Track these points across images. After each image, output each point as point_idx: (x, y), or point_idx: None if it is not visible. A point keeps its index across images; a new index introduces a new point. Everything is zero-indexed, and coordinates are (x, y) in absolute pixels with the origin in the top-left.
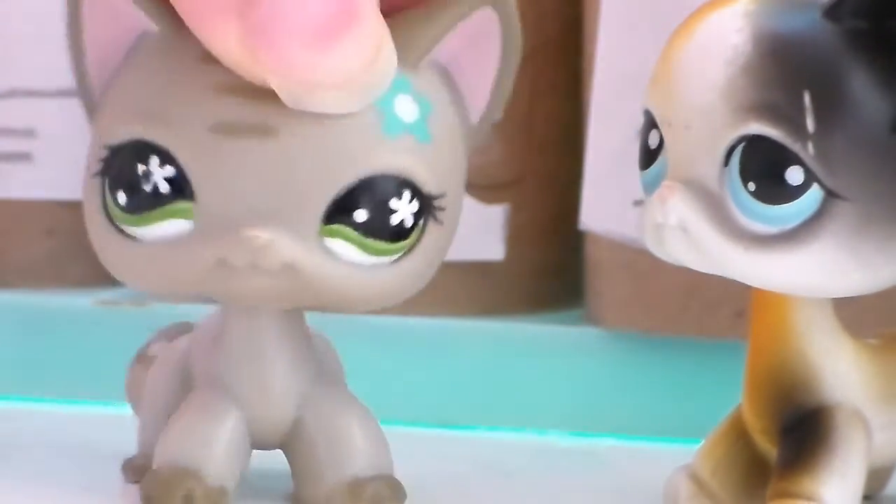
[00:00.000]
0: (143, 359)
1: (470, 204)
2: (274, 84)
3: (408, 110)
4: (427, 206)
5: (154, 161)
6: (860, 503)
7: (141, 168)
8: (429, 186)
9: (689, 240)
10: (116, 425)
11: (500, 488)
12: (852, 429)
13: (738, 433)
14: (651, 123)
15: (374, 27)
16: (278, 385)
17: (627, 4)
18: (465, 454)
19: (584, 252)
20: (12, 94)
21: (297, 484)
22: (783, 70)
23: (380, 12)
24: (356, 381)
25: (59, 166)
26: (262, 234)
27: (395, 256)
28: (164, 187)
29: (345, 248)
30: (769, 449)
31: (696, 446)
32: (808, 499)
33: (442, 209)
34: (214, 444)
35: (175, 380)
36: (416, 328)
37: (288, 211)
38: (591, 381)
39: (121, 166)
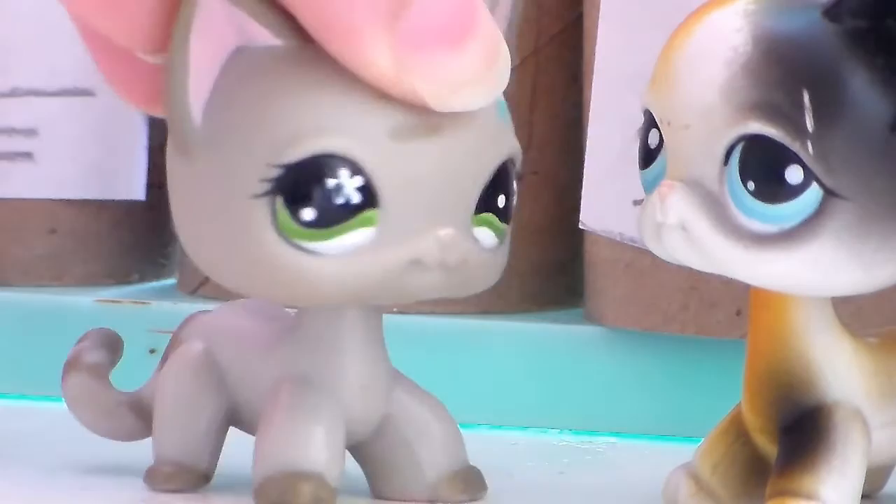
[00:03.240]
0: (80, 367)
1: None
2: (421, 89)
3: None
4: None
5: (344, 173)
6: (859, 501)
7: (332, 182)
8: (519, 164)
9: (688, 239)
10: None
11: (501, 486)
12: (851, 427)
13: (737, 432)
14: (651, 123)
15: (491, 21)
16: (372, 381)
17: (627, 4)
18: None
19: (584, 251)
20: (14, 93)
21: (387, 479)
22: (783, 70)
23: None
24: None
25: (61, 165)
26: (451, 231)
27: (505, 236)
28: (356, 198)
29: (486, 235)
30: (769, 447)
31: (696, 445)
32: (808, 497)
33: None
34: (326, 445)
35: (200, 383)
36: (417, 327)
37: (455, 206)
38: (591, 379)
39: (305, 182)
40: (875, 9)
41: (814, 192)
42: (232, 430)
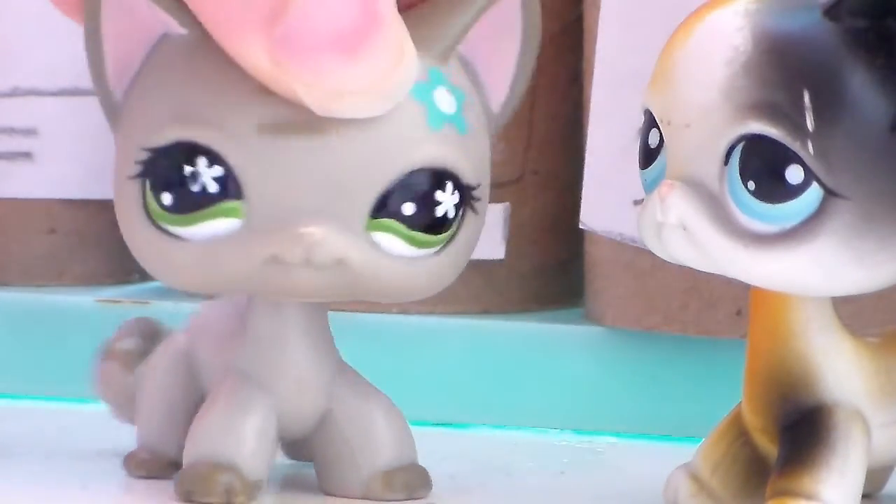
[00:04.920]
0: (111, 354)
1: None
2: (301, 93)
3: (447, 102)
4: (466, 197)
5: (202, 162)
6: (860, 502)
7: (188, 169)
8: (468, 177)
9: (688, 238)
10: (117, 423)
11: (500, 486)
12: (852, 427)
13: (737, 432)
14: (651, 122)
15: (396, 31)
16: (308, 377)
17: (627, 4)
18: (466, 452)
19: (584, 251)
20: (14, 93)
21: (328, 474)
22: (783, 69)
23: (398, 14)
24: None
25: (61, 165)
26: (316, 231)
27: (438, 247)
28: (213, 187)
29: (391, 242)
30: (769, 447)
31: (696, 445)
32: (808, 497)
33: (478, 199)
34: (249, 438)
35: (178, 374)
36: (417, 326)
37: (337, 207)
38: (591, 379)
39: (165, 168)
40: (875, 9)
41: (814, 192)
42: None
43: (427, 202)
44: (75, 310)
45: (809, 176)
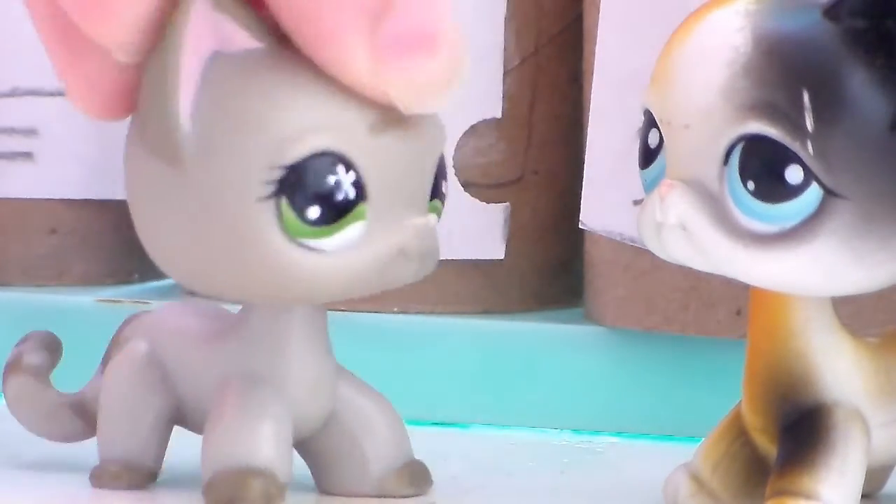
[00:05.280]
0: (22, 369)
1: (470, 203)
2: (392, 93)
3: None
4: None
5: (341, 169)
6: (859, 501)
7: (332, 178)
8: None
9: (688, 238)
10: None
11: (500, 486)
12: (851, 427)
13: (737, 431)
14: (651, 123)
15: (456, 27)
16: (320, 379)
17: (627, 4)
18: (466, 452)
19: (584, 251)
20: (14, 93)
21: (333, 474)
22: (783, 70)
23: None
24: None
25: (61, 165)
26: (430, 219)
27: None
28: (353, 193)
29: (435, 221)
30: (769, 447)
31: (696, 444)
32: (808, 497)
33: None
34: (274, 442)
35: (145, 383)
36: (418, 326)
37: (422, 195)
38: (591, 379)
39: (309, 181)
40: (875, 9)
41: (814, 192)
42: (176, 429)
43: (444, 178)
44: (75, 310)
45: (809, 176)
